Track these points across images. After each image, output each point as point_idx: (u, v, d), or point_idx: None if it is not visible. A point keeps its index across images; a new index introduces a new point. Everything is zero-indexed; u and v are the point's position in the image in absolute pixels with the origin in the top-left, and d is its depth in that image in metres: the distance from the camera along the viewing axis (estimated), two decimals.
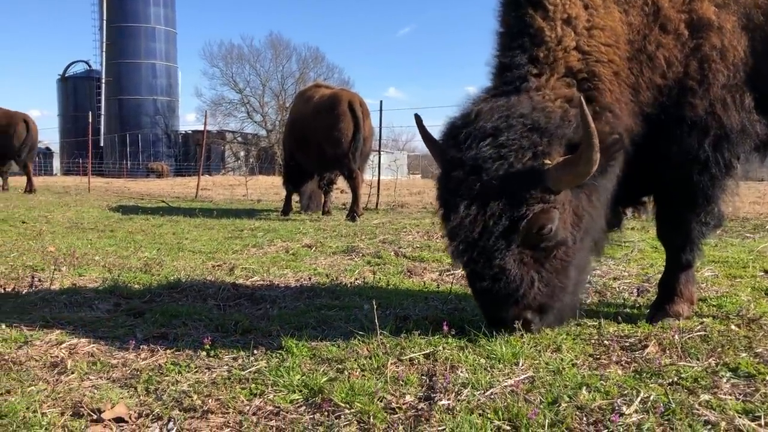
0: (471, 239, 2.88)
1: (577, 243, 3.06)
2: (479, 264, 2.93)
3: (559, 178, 2.87)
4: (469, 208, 2.87)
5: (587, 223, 3.09)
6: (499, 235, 2.86)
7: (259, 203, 15.29)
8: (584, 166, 2.84)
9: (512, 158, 2.85)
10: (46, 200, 14.74)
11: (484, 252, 2.89)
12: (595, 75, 3.16)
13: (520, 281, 2.93)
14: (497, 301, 3.00)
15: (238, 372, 2.72)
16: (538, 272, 2.98)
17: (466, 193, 2.90)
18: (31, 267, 5.35)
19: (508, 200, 2.85)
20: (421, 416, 2.23)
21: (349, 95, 11.28)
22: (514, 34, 3.28)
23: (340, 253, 6.50)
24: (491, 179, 2.85)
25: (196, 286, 4.54)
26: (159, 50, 60.18)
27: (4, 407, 2.28)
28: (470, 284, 3.15)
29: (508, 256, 2.90)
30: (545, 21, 3.20)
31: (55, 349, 3.07)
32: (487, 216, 2.85)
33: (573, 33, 3.19)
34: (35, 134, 18.94)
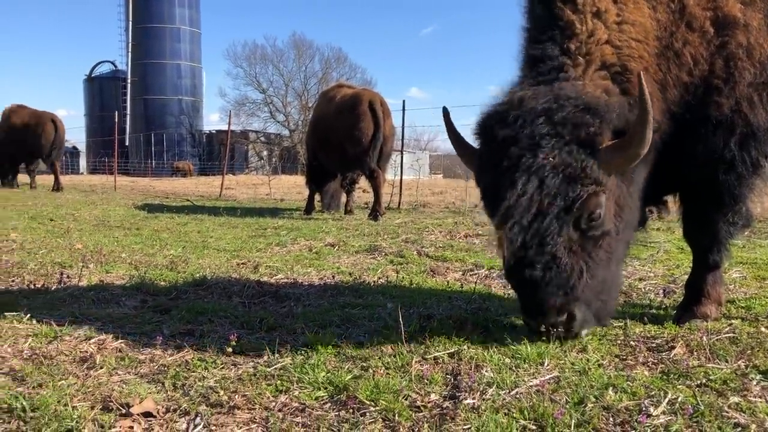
0: (526, 221, 2.74)
1: (619, 235, 2.97)
2: (532, 249, 2.79)
3: (610, 160, 2.79)
4: (527, 185, 2.73)
5: (627, 216, 3.01)
6: (554, 216, 2.74)
7: (282, 202, 15.38)
8: (637, 146, 2.77)
9: (568, 135, 2.76)
10: (73, 198, 14.97)
11: (539, 235, 2.76)
12: (627, 69, 3.10)
13: (570, 271, 2.81)
14: (546, 292, 2.84)
15: (263, 368, 2.74)
16: (585, 263, 2.85)
17: (524, 171, 2.75)
18: (60, 264, 5.44)
19: (564, 179, 2.74)
20: (446, 415, 2.23)
21: (370, 95, 11.29)
22: (543, 27, 3.20)
23: (362, 252, 6.52)
24: (548, 156, 2.74)
25: (221, 284, 4.59)
26: (184, 51, 60.81)
27: (37, 400, 2.33)
28: (515, 273, 2.92)
29: (560, 242, 2.78)
30: (575, 14, 3.14)
31: (84, 344, 3.12)
32: (543, 195, 2.72)
33: (604, 26, 3.13)
34: (62, 134, 19.25)
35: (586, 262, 2.86)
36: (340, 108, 11.12)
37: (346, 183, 12.10)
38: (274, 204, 14.79)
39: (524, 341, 2.98)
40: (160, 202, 14.78)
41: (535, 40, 3.22)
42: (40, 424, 2.17)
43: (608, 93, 2.96)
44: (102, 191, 19.09)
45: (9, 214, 10.20)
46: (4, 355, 2.96)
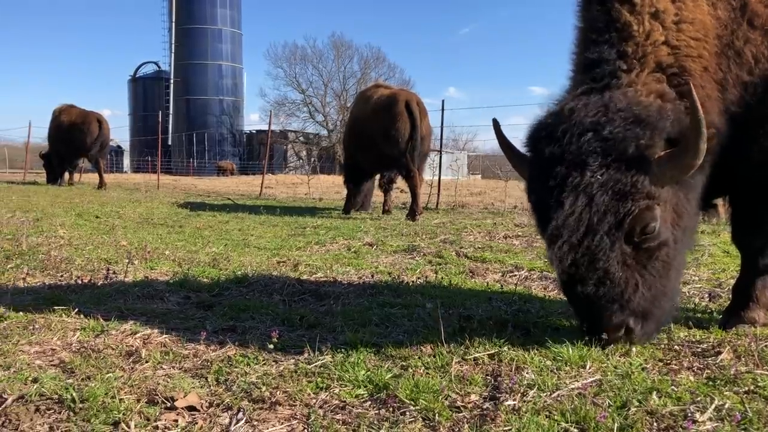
0: (576, 239, 2.72)
1: (678, 243, 2.91)
2: (583, 267, 2.76)
3: (663, 172, 2.73)
4: (574, 205, 2.70)
5: (686, 223, 2.94)
6: (605, 233, 2.71)
7: (321, 202, 15.48)
8: (691, 158, 2.70)
9: (616, 152, 2.72)
10: (118, 196, 15.31)
11: (589, 253, 2.73)
12: (686, 70, 3.02)
13: (625, 285, 2.77)
14: (600, 307, 2.82)
15: (304, 366, 2.77)
16: (641, 275, 2.81)
17: (571, 190, 2.72)
18: (106, 260, 5.57)
19: (613, 196, 2.70)
20: (486, 416, 2.23)
21: (406, 95, 11.30)
22: (599, 29, 3.14)
23: (401, 252, 6.53)
24: (596, 174, 2.70)
25: (262, 281, 4.65)
26: (225, 51, 61.68)
27: (86, 392, 2.39)
28: (568, 290, 2.94)
29: (613, 258, 2.74)
30: (632, 15, 3.08)
31: (130, 338, 3.20)
32: (592, 213, 2.69)
33: (661, 27, 3.06)
34: (107, 133, 19.73)
35: (642, 275, 2.81)
36: (376, 108, 11.15)
37: (383, 183, 12.14)
38: (312, 203, 14.90)
39: (566, 344, 2.94)
40: (201, 200, 15.02)
41: (591, 41, 3.16)
42: (89, 415, 2.24)
43: (663, 98, 2.91)
44: (145, 189, 19.47)
45: (57, 211, 10.48)
46: (54, 347, 3.05)
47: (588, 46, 3.15)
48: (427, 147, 11.52)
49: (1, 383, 2.50)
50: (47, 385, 2.47)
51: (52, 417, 2.26)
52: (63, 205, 11.82)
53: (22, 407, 2.31)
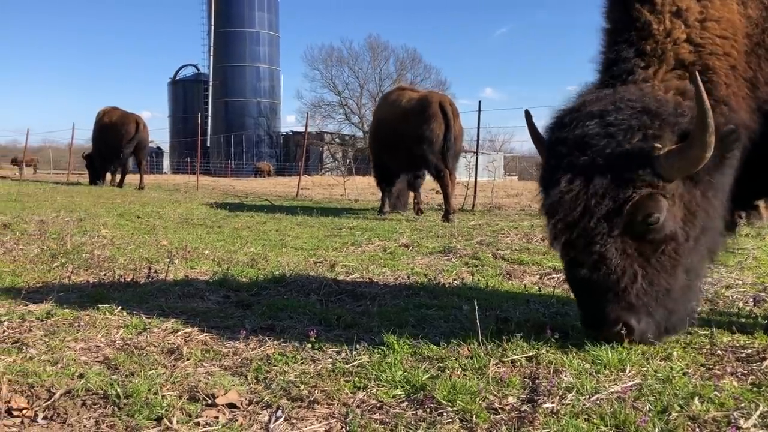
0: (571, 218, 2.73)
1: (690, 242, 2.83)
2: (578, 248, 2.78)
3: (671, 164, 2.69)
4: (571, 184, 2.74)
5: (703, 222, 2.87)
6: (602, 216, 2.70)
7: (356, 203, 15.54)
8: (697, 150, 2.66)
9: (620, 137, 2.73)
10: (158, 197, 15.60)
11: (585, 234, 2.73)
12: (709, 68, 2.99)
13: (622, 273, 2.73)
14: (595, 294, 2.82)
15: (341, 365, 2.79)
16: (642, 267, 2.77)
17: (568, 169, 2.77)
18: (147, 259, 5.69)
19: (613, 179, 2.70)
20: (524, 418, 2.22)
21: (439, 97, 11.34)
22: (620, 29, 3.17)
23: (437, 254, 6.52)
24: (597, 156, 2.72)
25: (299, 281, 4.69)
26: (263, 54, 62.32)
27: (129, 388, 2.45)
28: (568, 275, 2.98)
29: (610, 243, 2.72)
30: (652, 14, 3.08)
31: (171, 336, 3.26)
32: (589, 193, 2.71)
33: (683, 25, 3.05)
34: (146, 134, 20.13)
35: (643, 268, 2.78)
36: (407, 111, 11.19)
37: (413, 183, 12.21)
38: (348, 204, 14.97)
39: (605, 347, 2.91)
40: (239, 201, 15.22)
41: (612, 41, 3.20)
42: (133, 410, 2.29)
43: (684, 95, 2.89)
44: (185, 190, 19.80)
45: (99, 211, 10.74)
46: (98, 344, 3.13)
47: (610, 46, 3.20)
48: (460, 147, 11.58)
49: (50, 378, 2.58)
50: (93, 381, 2.54)
51: (98, 411, 2.32)
52: (105, 205, 12.09)
53: (70, 401, 2.38)
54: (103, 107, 20.88)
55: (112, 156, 19.93)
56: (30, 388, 2.49)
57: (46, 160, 53.50)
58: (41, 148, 58.33)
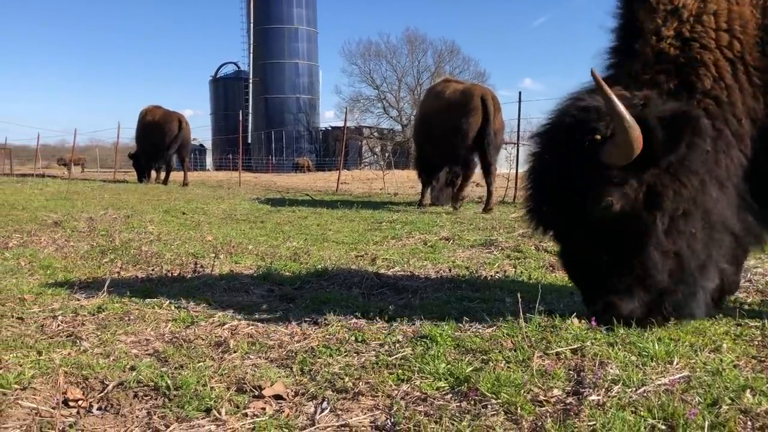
0: (544, 209, 3.20)
1: (659, 225, 2.97)
2: (555, 236, 3.32)
3: (609, 153, 2.90)
4: (541, 177, 3.21)
5: (685, 207, 2.99)
6: (565, 205, 3.08)
7: (396, 196, 15.55)
8: (621, 136, 2.84)
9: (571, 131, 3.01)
10: (202, 193, 15.88)
11: (555, 222, 3.22)
12: (697, 61, 3.14)
13: (595, 256, 3.09)
14: (580, 276, 3.30)
15: (385, 358, 2.81)
16: (612, 249, 3.05)
17: (540, 163, 3.23)
18: (193, 254, 5.81)
19: (569, 170, 3.01)
20: (570, 410, 2.20)
21: (481, 90, 11.30)
22: (619, 29, 3.45)
23: (478, 246, 6.49)
24: (556, 150, 3.08)
25: (341, 275, 4.73)
26: (301, 50, 62.63)
27: (179, 380, 2.52)
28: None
29: (579, 228, 3.10)
30: (647, 13, 3.28)
31: (218, 329, 3.33)
32: (552, 185, 3.12)
33: (676, 21, 3.22)
34: (188, 132, 20.48)
35: (613, 250, 3.05)
36: (449, 103, 11.22)
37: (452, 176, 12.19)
38: (388, 198, 14.99)
39: (651, 339, 2.87)
40: (281, 196, 15.38)
41: (612, 42, 3.46)
42: (183, 402, 2.35)
43: (655, 87, 3.13)
44: (228, 186, 20.10)
45: (146, 208, 10.98)
46: (148, 337, 3.22)
47: (610, 47, 3.48)
48: (501, 140, 11.62)
49: (103, 370, 2.66)
50: (144, 373, 2.61)
51: (150, 403, 2.39)
52: (151, 202, 12.36)
53: (122, 393, 2.45)
54: (146, 106, 21.33)
55: (156, 154, 20.33)
56: (84, 379, 2.58)
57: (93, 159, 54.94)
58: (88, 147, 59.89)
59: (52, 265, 5.18)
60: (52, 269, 5.04)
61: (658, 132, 2.86)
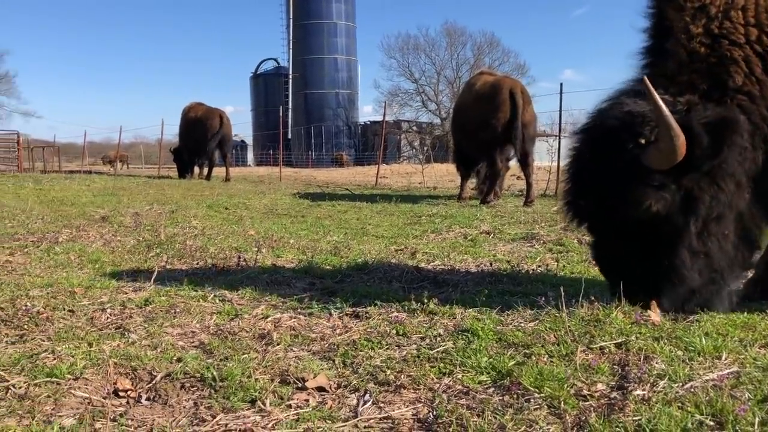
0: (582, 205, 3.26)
1: (694, 227, 3.02)
2: (590, 231, 3.41)
3: (653, 156, 2.91)
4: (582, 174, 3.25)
5: (719, 210, 3.03)
6: (605, 203, 3.11)
7: (435, 190, 15.53)
8: (665, 142, 2.85)
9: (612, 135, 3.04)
10: (244, 189, 16.09)
11: (593, 219, 3.29)
12: (727, 58, 3.11)
13: (627, 252, 3.18)
14: (610, 269, 3.40)
15: (426, 351, 2.81)
16: (645, 247, 3.12)
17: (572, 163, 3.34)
18: (236, 248, 5.90)
19: (610, 173, 3.05)
20: (614, 405, 2.18)
21: (510, 82, 11.24)
22: (650, 29, 3.44)
23: (519, 240, 6.44)
24: (597, 153, 3.12)
25: (381, 269, 4.75)
26: (340, 45, 62.90)
27: (224, 371, 2.56)
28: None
29: (614, 227, 3.16)
30: (676, 11, 3.26)
31: (261, 322, 3.38)
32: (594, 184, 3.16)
33: (705, 18, 3.19)
34: (229, 128, 20.77)
35: (646, 248, 3.11)
36: (478, 95, 11.27)
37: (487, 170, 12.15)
38: (427, 192, 14.98)
39: (698, 333, 2.81)
40: (321, 191, 15.49)
41: (644, 42, 3.47)
42: (228, 393, 2.40)
43: (689, 88, 3.12)
44: (269, 181, 20.34)
45: (189, 203, 11.19)
46: (194, 329, 3.28)
47: (643, 47, 3.49)
48: (534, 131, 11.54)
49: (151, 361, 2.73)
50: (190, 365, 2.67)
51: (196, 393, 2.44)
52: (195, 197, 12.58)
53: (170, 384, 2.51)
54: (189, 103, 21.71)
55: (199, 150, 20.68)
56: (133, 370, 2.65)
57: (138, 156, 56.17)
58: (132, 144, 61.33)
59: (101, 259, 5.32)
60: (101, 263, 5.18)
61: (702, 139, 2.88)
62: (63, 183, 16.90)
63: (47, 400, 2.33)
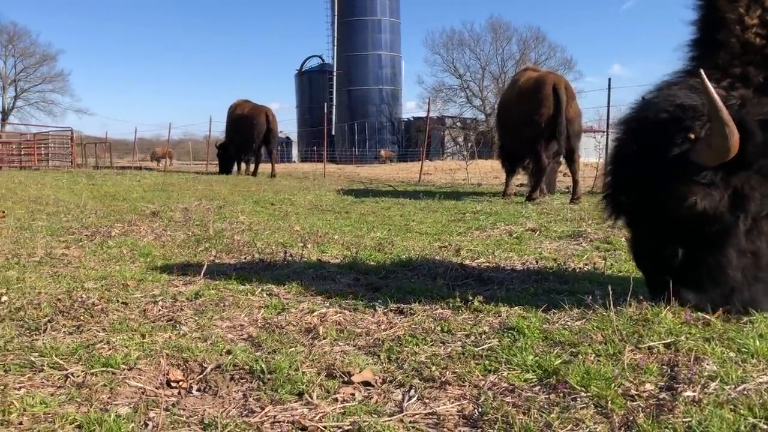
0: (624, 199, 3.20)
1: (742, 225, 2.94)
2: (630, 224, 3.30)
3: (703, 152, 2.86)
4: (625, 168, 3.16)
5: (766, 208, 2.95)
6: (648, 197, 3.05)
7: (480, 187, 15.44)
8: (718, 138, 2.78)
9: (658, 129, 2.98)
10: (289, 185, 16.27)
11: (635, 213, 3.19)
12: None
13: (667, 248, 3.08)
14: (648, 264, 3.31)
15: (471, 348, 2.82)
16: (689, 245, 3.05)
17: (614, 155, 3.29)
18: (282, 244, 5.98)
19: (656, 168, 2.97)
20: (663, 406, 2.15)
21: (554, 78, 11.12)
22: (699, 21, 3.37)
23: (566, 238, 6.37)
24: (642, 146, 3.04)
25: (425, 266, 4.76)
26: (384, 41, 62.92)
27: (272, 364, 2.62)
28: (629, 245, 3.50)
29: (658, 221, 3.08)
30: (728, 2, 3.19)
31: (308, 316, 3.43)
32: (626, 176, 3.15)
33: (760, 9, 3.11)
34: (275, 125, 21.04)
35: (690, 245, 3.04)
36: (522, 91, 11.21)
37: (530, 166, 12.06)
38: (471, 189, 14.91)
39: (752, 335, 2.75)
40: (364, 187, 15.56)
41: (694, 34, 3.41)
42: (276, 385, 2.45)
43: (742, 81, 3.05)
44: (313, 178, 20.52)
45: (236, 198, 11.37)
46: (242, 323, 3.35)
47: (692, 39, 3.43)
48: (579, 127, 11.41)
49: (201, 353, 2.80)
50: (239, 357, 2.73)
51: (245, 385, 2.50)
52: (241, 193, 12.78)
53: (220, 375, 2.57)
54: (235, 100, 22.06)
55: (245, 147, 21.00)
56: (184, 362, 2.72)
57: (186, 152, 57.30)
58: (181, 140, 62.54)
59: (152, 253, 5.46)
60: (152, 257, 5.32)
61: (756, 136, 2.82)
62: (115, 179, 17.37)
63: (103, 389, 2.42)
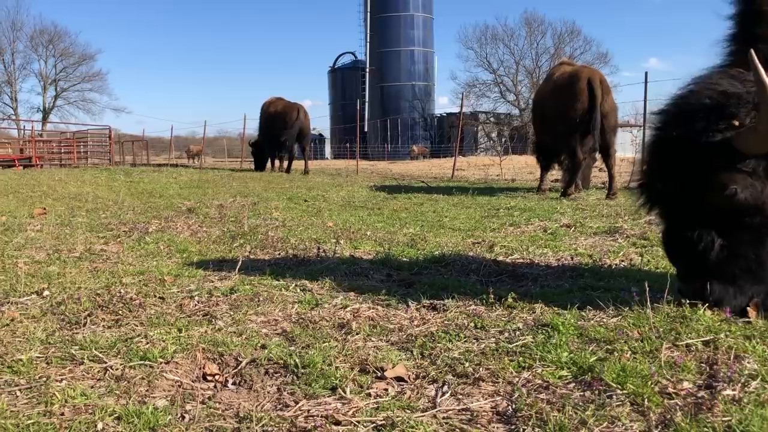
0: (659, 188, 3.13)
1: None
2: (664, 214, 3.21)
3: (746, 140, 2.79)
4: (663, 157, 3.08)
5: None
6: (676, 186, 3.01)
7: (514, 182, 15.31)
8: (763, 126, 2.71)
9: (699, 116, 2.91)
10: (322, 181, 16.35)
11: (669, 202, 3.11)
12: None
13: (702, 240, 2.96)
14: (680, 255, 3.19)
15: (505, 345, 2.80)
16: (723, 236, 2.95)
17: (651, 143, 3.19)
18: (316, 240, 6.02)
19: (687, 153, 2.93)
20: (701, 404, 2.11)
21: (589, 72, 10.96)
22: (735, 14, 3.35)
23: (601, 234, 6.28)
24: (681, 134, 2.96)
25: (458, 262, 4.74)
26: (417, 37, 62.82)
27: (306, 359, 2.64)
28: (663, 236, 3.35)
29: (683, 210, 3.03)
30: None
31: (341, 311, 3.45)
32: (663, 165, 3.07)
33: None
34: (308, 122, 21.14)
35: (724, 237, 2.95)
36: (557, 85, 11.10)
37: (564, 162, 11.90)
38: (505, 184, 14.78)
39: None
40: (396, 183, 15.55)
41: (731, 29, 3.38)
42: (310, 380, 2.47)
43: None
44: (346, 174, 20.57)
45: (270, 195, 11.47)
46: (276, 318, 3.38)
47: (730, 32, 3.40)
48: (615, 121, 11.23)
49: (236, 348, 2.84)
50: (273, 351, 2.76)
51: (279, 379, 2.52)
52: (275, 190, 12.89)
53: (254, 369, 2.61)
54: (269, 98, 22.21)
55: (278, 143, 21.14)
56: (220, 356, 2.76)
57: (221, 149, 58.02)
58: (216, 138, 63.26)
59: (188, 249, 5.55)
60: (188, 253, 5.40)
61: None
62: (151, 176, 17.66)
63: (141, 382, 2.47)
